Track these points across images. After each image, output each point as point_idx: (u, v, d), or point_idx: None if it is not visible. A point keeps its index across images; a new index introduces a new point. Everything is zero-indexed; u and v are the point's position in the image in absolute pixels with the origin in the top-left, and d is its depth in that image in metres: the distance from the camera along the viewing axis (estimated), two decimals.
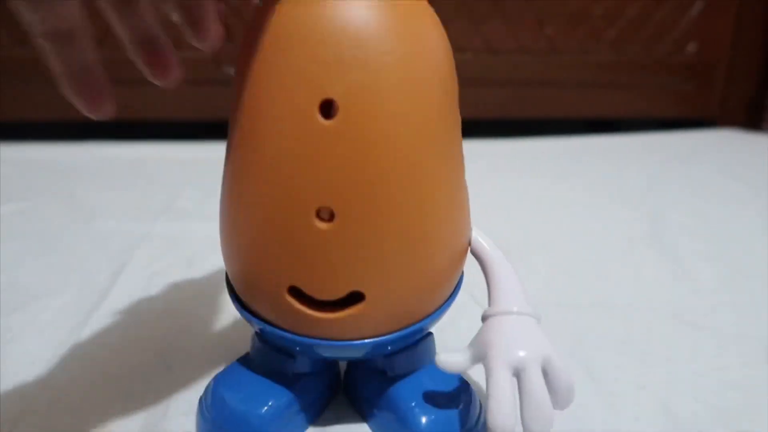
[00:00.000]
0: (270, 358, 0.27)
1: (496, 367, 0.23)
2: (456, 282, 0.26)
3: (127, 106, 0.71)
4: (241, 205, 0.23)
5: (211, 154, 0.68)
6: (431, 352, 0.29)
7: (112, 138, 0.71)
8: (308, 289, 0.22)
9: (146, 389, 0.30)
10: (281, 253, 0.22)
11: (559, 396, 0.23)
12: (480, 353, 0.24)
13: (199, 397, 0.28)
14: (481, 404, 0.28)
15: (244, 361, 0.28)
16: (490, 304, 0.26)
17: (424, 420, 0.25)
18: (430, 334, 0.29)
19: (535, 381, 0.23)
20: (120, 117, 0.77)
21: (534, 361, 0.23)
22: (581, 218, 0.53)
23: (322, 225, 0.21)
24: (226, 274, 0.26)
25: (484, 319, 0.26)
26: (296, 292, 0.23)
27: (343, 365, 0.31)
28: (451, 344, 0.34)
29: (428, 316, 0.25)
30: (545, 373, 0.23)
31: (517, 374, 0.23)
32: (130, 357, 0.33)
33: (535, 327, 0.25)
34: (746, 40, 0.82)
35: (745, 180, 0.63)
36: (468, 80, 0.24)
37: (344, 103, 0.20)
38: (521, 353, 0.23)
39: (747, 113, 0.97)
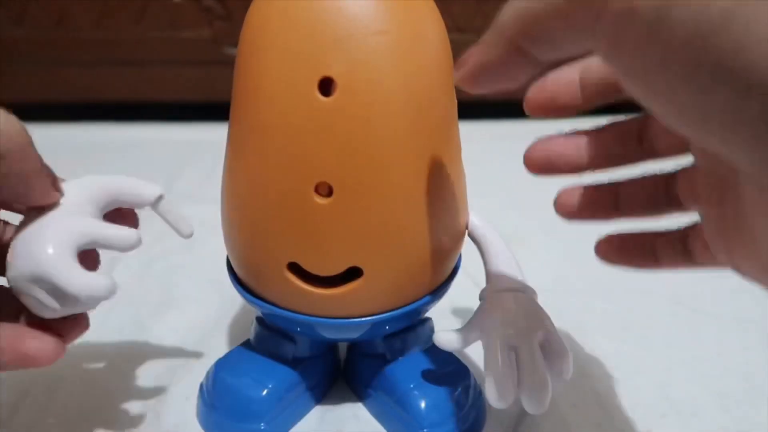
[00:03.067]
0: (270, 342, 0.28)
1: (494, 343, 0.23)
2: (454, 263, 0.26)
3: (124, 87, 0.71)
4: (242, 182, 0.23)
5: (211, 135, 0.67)
6: (430, 336, 0.29)
7: (110, 119, 0.71)
8: (307, 265, 0.23)
9: (146, 374, 0.30)
10: (281, 228, 0.22)
11: (556, 370, 0.23)
12: (478, 330, 0.24)
13: (199, 383, 0.28)
14: (478, 385, 0.28)
15: (245, 346, 0.29)
16: (486, 284, 0.26)
17: (423, 402, 0.25)
18: (429, 318, 0.29)
19: (534, 356, 0.23)
20: (118, 98, 0.76)
21: (531, 335, 0.23)
22: None
23: (321, 200, 0.21)
24: (227, 257, 0.27)
25: (481, 298, 0.26)
26: (296, 269, 0.23)
27: (342, 351, 0.31)
28: (447, 326, 0.34)
29: (426, 295, 0.25)
30: (543, 348, 0.23)
31: (515, 349, 0.23)
32: (129, 341, 0.33)
33: (532, 302, 0.25)
34: None
35: None
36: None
37: (342, 81, 0.20)
38: (518, 328, 0.23)
39: None
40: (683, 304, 0.38)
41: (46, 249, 0.19)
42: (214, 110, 0.72)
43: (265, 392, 0.26)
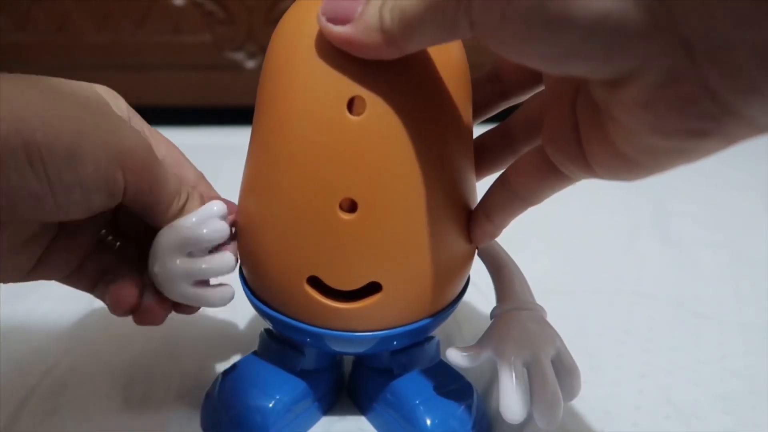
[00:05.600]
0: (278, 354, 0.28)
1: (508, 360, 0.23)
2: (465, 281, 0.27)
3: (126, 91, 0.71)
4: (266, 195, 0.23)
5: (212, 140, 0.68)
6: (435, 352, 0.29)
7: None
8: (328, 279, 0.23)
9: (151, 383, 0.30)
10: (304, 242, 0.22)
11: (567, 387, 0.24)
12: (490, 348, 0.24)
13: (205, 392, 0.28)
14: (482, 402, 0.28)
15: (252, 357, 0.29)
16: (498, 302, 0.26)
17: (428, 418, 0.26)
18: (434, 336, 0.29)
19: (547, 373, 0.23)
20: None
21: (544, 353, 0.23)
22: (583, 205, 0.53)
23: (345, 216, 0.22)
24: (240, 267, 0.26)
25: (492, 316, 0.26)
26: (314, 283, 0.23)
27: (347, 365, 0.31)
28: (452, 337, 0.34)
29: (437, 312, 0.25)
30: (553, 365, 0.24)
31: (528, 367, 0.23)
32: (134, 347, 0.33)
33: (542, 321, 0.25)
34: None
35: (749, 167, 0.63)
36: (474, 67, 0.25)
37: (371, 101, 0.21)
38: (532, 346, 0.24)
39: None
40: (685, 307, 0.38)
41: (174, 229, 0.23)
42: (216, 114, 0.72)
43: (272, 403, 0.26)
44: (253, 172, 0.24)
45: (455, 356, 0.24)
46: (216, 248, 0.24)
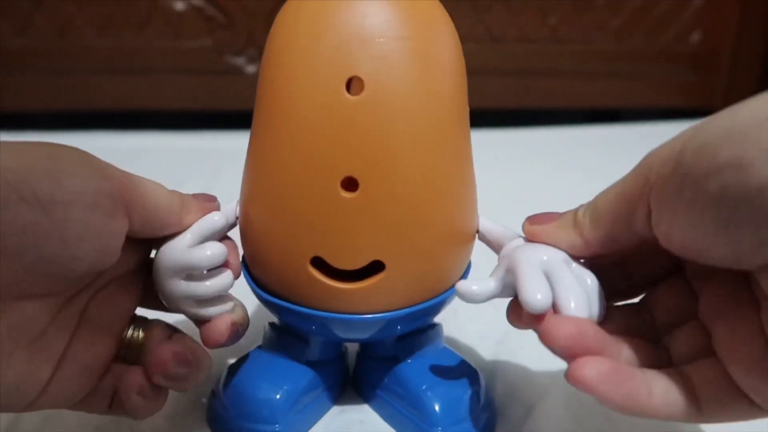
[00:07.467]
0: (283, 346, 0.28)
1: (525, 266, 0.22)
2: (467, 262, 0.27)
3: (127, 96, 0.71)
4: (268, 178, 0.24)
5: (212, 143, 0.68)
6: (439, 340, 0.29)
7: (112, 128, 0.71)
8: (331, 259, 0.23)
9: None
10: (307, 223, 0.23)
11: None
12: (504, 272, 0.23)
13: (211, 389, 0.28)
14: (489, 388, 0.28)
15: (257, 351, 0.29)
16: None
17: (436, 403, 0.26)
18: (438, 323, 0.29)
19: (565, 273, 0.22)
20: (120, 107, 0.76)
21: (560, 260, 0.23)
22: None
23: (347, 194, 0.22)
24: (243, 257, 0.27)
25: (501, 257, 0.25)
26: (318, 264, 0.23)
27: (352, 356, 0.31)
28: (452, 331, 0.34)
29: (441, 294, 0.25)
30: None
31: (546, 274, 0.22)
32: None
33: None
34: (751, 30, 0.82)
35: None
36: (470, 70, 0.25)
37: (369, 81, 0.22)
38: (545, 256, 0.23)
39: None
40: None
41: (170, 251, 0.23)
42: (216, 118, 0.72)
43: (279, 395, 0.26)
44: (254, 158, 0.24)
45: (466, 288, 0.23)
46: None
